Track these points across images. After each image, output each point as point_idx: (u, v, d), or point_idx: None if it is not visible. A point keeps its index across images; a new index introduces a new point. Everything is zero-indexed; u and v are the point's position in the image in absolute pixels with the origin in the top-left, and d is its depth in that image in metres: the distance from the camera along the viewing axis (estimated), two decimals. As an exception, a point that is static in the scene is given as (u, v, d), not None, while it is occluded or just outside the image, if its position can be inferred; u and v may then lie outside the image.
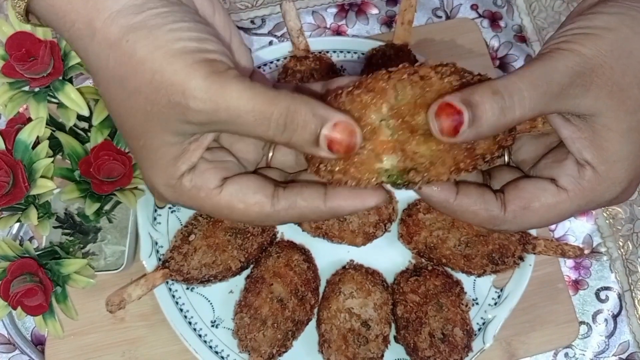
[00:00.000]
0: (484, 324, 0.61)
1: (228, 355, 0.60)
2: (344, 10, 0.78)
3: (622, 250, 0.70)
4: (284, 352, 0.57)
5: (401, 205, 0.63)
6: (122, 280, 0.59)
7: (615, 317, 0.68)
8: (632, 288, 0.69)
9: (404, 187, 0.33)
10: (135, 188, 0.52)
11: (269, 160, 0.39)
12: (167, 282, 0.61)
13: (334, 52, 0.68)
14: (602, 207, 0.42)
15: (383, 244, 0.62)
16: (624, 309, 0.68)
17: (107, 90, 0.32)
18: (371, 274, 0.60)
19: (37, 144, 0.48)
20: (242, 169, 0.37)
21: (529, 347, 0.64)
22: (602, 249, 0.70)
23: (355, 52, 0.68)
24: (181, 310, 0.61)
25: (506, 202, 0.34)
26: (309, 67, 0.63)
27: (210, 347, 0.60)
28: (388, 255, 0.63)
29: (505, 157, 0.39)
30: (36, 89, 0.48)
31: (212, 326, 0.61)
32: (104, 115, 0.50)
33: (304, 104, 0.30)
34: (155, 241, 0.61)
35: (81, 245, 0.61)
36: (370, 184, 0.32)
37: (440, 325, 0.56)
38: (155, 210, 0.63)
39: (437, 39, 0.74)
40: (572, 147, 0.33)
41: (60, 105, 0.49)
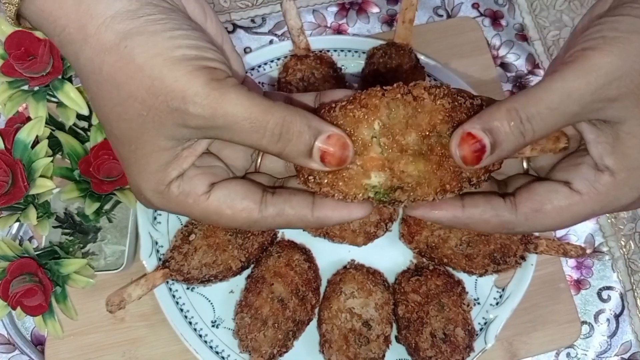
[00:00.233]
0: (485, 323, 0.61)
1: (229, 355, 0.60)
2: (344, 9, 0.78)
3: (624, 249, 0.70)
4: (284, 352, 0.57)
5: (402, 204, 0.63)
6: (122, 280, 0.59)
7: (617, 316, 0.68)
8: (634, 288, 0.69)
9: (389, 205, 0.34)
10: (135, 187, 0.52)
11: (257, 167, 0.39)
12: (168, 282, 0.61)
13: (335, 51, 0.68)
14: (618, 212, 0.41)
15: (384, 243, 0.62)
16: (626, 309, 0.68)
17: (98, 95, 0.32)
18: (372, 274, 0.60)
19: (36, 143, 0.48)
20: (231, 175, 0.37)
21: (530, 347, 0.64)
22: (604, 249, 0.70)
23: (356, 51, 0.68)
24: (181, 310, 0.61)
25: (517, 204, 0.34)
26: (309, 66, 0.63)
27: (211, 347, 0.60)
28: (389, 254, 0.63)
29: (524, 164, 0.39)
30: (35, 88, 0.48)
31: (213, 326, 0.61)
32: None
33: (299, 116, 0.31)
34: (156, 241, 0.61)
35: (81, 245, 0.60)
36: (356, 199, 0.33)
37: (441, 325, 0.56)
38: (156, 210, 0.63)
39: (438, 37, 0.74)
40: (594, 151, 0.32)
41: (60, 104, 0.49)
